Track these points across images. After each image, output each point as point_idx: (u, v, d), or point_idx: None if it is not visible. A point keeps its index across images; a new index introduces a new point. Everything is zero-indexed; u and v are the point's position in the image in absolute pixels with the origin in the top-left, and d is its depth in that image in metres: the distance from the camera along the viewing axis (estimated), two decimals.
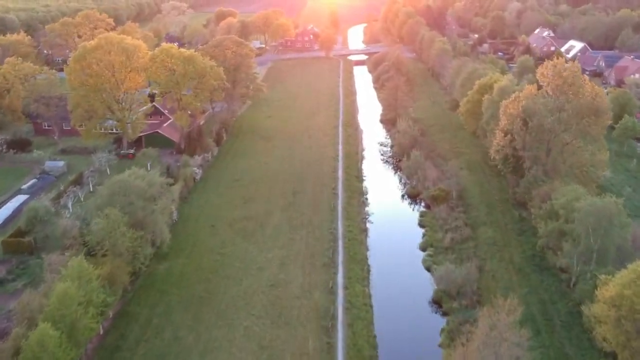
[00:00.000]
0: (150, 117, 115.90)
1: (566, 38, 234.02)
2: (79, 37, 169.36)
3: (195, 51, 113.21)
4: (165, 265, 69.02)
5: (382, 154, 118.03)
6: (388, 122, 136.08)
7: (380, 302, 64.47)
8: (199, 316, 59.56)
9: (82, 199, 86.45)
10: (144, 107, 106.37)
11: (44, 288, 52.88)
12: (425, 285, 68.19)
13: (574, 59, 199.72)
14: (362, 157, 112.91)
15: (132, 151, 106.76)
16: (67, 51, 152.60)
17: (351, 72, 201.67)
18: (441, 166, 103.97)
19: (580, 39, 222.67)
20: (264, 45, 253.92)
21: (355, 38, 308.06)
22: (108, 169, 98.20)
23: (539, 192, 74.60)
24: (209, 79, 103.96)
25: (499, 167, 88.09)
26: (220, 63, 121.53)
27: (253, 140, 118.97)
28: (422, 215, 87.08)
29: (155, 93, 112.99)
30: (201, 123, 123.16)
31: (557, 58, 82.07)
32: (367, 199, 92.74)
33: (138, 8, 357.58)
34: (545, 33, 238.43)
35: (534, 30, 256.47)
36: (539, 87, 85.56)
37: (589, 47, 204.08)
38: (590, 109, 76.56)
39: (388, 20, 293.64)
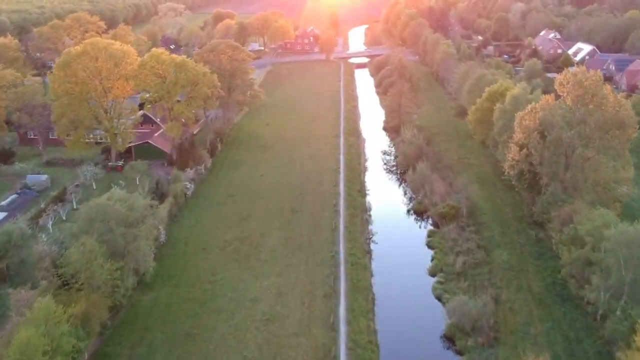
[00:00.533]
0: (141, 125, 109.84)
1: (572, 40, 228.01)
2: (71, 39, 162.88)
3: (188, 57, 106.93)
4: (150, 296, 62.76)
5: (385, 164, 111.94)
6: (391, 129, 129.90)
7: (387, 338, 58.28)
8: (185, 358, 53.31)
9: (64, 217, 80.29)
10: (134, 117, 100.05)
11: (7, 332, 46.64)
12: (436, 317, 61.92)
13: (582, 62, 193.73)
14: (365, 169, 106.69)
15: (121, 163, 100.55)
16: (58, 56, 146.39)
17: (352, 76, 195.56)
18: (449, 179, 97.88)
19: (587, 41, 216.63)
20: (262, 48, 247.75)
21: (356, 40, 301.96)
22: (94, 184, 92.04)
23: (559, 213, 68.39)
24: (201, 87, 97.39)
25: (513, 182, 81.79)
26: (215, 69, 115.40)
27: (250, 150, 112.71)
28: (430, 234, 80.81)
29: (144, 102, 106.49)
30: (195, 132, 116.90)
31: (578, 66, 75.84)
32: (370, 215, 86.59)
33: (135, 9, 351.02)
34: (551, 35, 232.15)
35: (539, 32, 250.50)
36: (557, 97, 79.44)
37: (597, 50, 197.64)
38: (614, 122, 70.35)
39: (390, 21, 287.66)
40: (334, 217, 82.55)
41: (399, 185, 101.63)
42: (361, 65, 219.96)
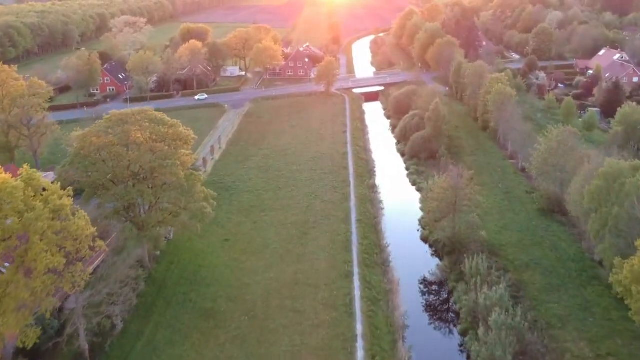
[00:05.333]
0: None
1: (636, 59, 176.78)
2: None
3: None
4: None
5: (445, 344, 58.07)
6: (442, 247, 75.20)
7: None
8: None
9: None
10: None
11: None
12: None
13: None
14: None
15: None
16: None
17: (363, 122, 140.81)
18: None
19: None
20: (243, 73, 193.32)
21: (362, 57, 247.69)
22: None
23: None
24: (40, 253, 40.81)
25: None
26: (122, 159, 61.31)
27: (181, 330, 57.59)
28: None
29: None
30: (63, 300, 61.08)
31: None
32: None
33: (98, 21, 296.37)
34: (617, 56, 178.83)
35: (590, 49, 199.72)
36: None
37: None
38: None
39: (404, 37, 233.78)
40: None
41: None
42: (372, 97, 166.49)
